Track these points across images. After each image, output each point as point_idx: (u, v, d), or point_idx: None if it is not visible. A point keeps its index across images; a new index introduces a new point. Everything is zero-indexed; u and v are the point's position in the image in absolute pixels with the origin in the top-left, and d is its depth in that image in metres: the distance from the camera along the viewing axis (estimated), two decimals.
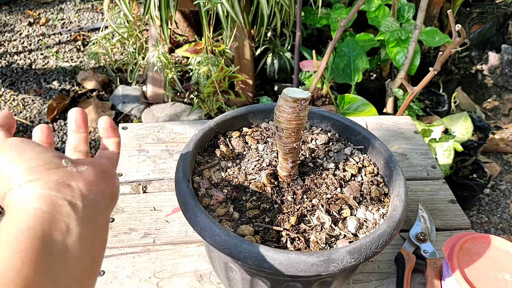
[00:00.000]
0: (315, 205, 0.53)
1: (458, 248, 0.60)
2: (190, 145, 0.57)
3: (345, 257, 0.44)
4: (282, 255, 0.44)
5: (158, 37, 1.74)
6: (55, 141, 1.82)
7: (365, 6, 1.73)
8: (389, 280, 0.67)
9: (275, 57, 1.99)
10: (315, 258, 0.43)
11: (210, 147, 0.61)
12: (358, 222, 0.52)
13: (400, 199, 0.52)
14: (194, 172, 0.56)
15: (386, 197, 0.57)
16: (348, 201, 0.54)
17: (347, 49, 1.66)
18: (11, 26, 2.49)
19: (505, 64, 2.07)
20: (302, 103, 0.48)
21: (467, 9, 2.21)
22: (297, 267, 0.43)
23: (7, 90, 2.06)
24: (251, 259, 0.44)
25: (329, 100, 1.72)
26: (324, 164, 0.60)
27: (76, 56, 2.31)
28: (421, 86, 1.15)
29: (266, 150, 0.61)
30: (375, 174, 0.60)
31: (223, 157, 0.59)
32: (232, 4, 1.45)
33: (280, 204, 0.53)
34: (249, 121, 0.66)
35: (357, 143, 0.64)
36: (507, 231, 1.59)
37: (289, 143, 0.52)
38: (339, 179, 0.57)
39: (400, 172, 0.56)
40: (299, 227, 0.51)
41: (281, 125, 0.51)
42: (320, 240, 0.49)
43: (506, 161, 1.86)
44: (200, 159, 0.59)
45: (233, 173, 0.57)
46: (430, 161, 0.89)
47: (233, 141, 0.62)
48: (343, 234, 0.51)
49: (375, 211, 0.54)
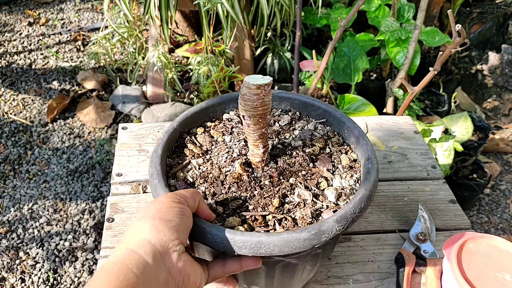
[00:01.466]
0: (293, 184, 0.55)
1: (458, 248, 0.60)
2: (159, 150, 0.56)
3: (334, 226, 0.46)
4: (275, 237, 0.45)
5: (158, 37, 1.74)
6: (55, 141, 1.82)
7: (365, 6, 1.73)
8: (389, 280, 0.67)
9: (275, 57, 1.99)
10: (307, 233, 0.45)
11: (177, 148, 0.61)
12: (337, 192, 0.54)
13: (371, 161, 0.54)
14: (168, 176, 0.56)
15: (356, 162, 0.59)
16: (323, 174, 0.56)
17: (347, 49, 1.66)
18: (11, 26, 2.49)
19: (505, 64, 2.07)
20: (265, 88, 0.49)
21: (467, 9, 2.21)
22: (291, 246, 0.45)
23: (7, 90, 2.06)
24: (246, 248, 0.45)
25: (329, 100, 1.72)
26: (292, 143, 0.61)
27: (76, 56, 2.31)
28: (421, 86, 1.15)
29: (234, 141, 0.62)
30: (341, 144, 0.62)
31: (192, 155, 0.59)
32: (232, 4, 1.45)
33: (260, 189, 0.54)
34: (210, 115, 0.66)
35: (318, 117, 0.66)
36: (507, 231, 1.59)
37: (258, 129, 0.53)
38: (310, 155, 0.59)
39: (365, 137, 0.58)
40: (283, 208, 0.52)
41: (248, 113, 0.51)
42: (306, 215, 0.51)
43: (506, 161, 1.86)
44: (170, 162, 0.59)
45: (207, 169, 0.57)
46: (430, 161, 0.89)
47: (199, 138, 0.63)
48: (325, 205, 0.52)
49: (349, 178, 0.56)
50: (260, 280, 0.54)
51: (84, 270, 1.37)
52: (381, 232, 0.75)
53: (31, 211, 1.54)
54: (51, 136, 1.84)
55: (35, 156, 1.75)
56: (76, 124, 1.91)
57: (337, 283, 0.67)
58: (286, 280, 0.55)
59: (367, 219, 0.77)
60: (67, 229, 1.49)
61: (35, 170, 1.69)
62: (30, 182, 1.64)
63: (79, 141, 1.83)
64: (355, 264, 0.70)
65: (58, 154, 1.76)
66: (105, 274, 0.38)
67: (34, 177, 1.67)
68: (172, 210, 0.44)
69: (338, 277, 0.68)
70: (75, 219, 1.52)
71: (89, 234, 1.47)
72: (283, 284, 0.56)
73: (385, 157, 0.90)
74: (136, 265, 0.39)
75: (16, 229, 1.48)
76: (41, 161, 1.73)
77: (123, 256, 0.40)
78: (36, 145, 1.80)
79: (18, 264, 1.38)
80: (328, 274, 0.68)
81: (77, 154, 1.77)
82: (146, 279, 0.39)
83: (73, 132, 1.87)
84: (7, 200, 1.57)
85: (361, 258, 0.71)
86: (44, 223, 1.50)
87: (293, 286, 0.59)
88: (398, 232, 0.75)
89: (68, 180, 1.66)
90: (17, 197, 1.59)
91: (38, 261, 1.39)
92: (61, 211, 1.55)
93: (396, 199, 0.81)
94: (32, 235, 1.46)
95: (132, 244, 0.41)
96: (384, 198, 0.81)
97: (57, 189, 1.62)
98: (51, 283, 1.34)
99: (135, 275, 0.38)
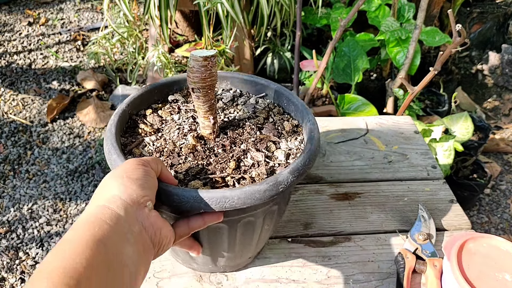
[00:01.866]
0: (245, 149, 0.59)
1: (458, 248, 0.60)
2: (112, 129, 0.59)
3: (288, 177, 0.51)
4: (238, 191, 0.48)
5: (158, 37, 1.74)
6: (55, 141, 1.82)
7: (365, 6, 1.73)
8: (389, 280, 0.67)
9: (275, 57, 1.98)
10: (266, 185, 0.50)
11: (129, 129, 0.64)
12: (285, 152, 0.59)
13: (312, 123, 0.60)
14: (124, 153, 0.59)
15: (298, 127, 0.65)
16: (271, 139, 0.61)
17: (347, 49, 1.66)
18: (11, 26, 2.49)
19: (505, 64, 2.07)
20: (212, 60, 0.53)
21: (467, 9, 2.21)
22: (253, 197, 0.49)
23: (7, 90, 2.06)
24: (212, 203, 0.48)
25: (329, 100, 1.72)
26: (237, 117, 0.66)
27: (76, 56, 2.30)
28: (421, 86, 1.15)
29: (182, 118, 0.65)
30: (282, 113, 0.67)
31: (145, 134, 0.62)
32: (232, 4, 1.45)
33: (215, 157, 0.58)
34: (156, 98, 0.69)
35: (257, 92, 0.71)
36: (507, 231, 1.59)
37: (207, 101, 0.57)
38: (255, 124, 0.64)
39: (303, 104, 0.64)
40: (239, 169, 0.56)
41: (197, 85, 0.55)
42: (262, 173, 0.55)
43: (506, 161, 1.86)
44: (124, 141, 0.61)
45: (161, 144, 0.60)
46: (430, 161, 0.89)
47: (149, 118, 0.65)
48: (277, 163, 0.57)
49: (294, 140, 0.62)
50: (223, 241, 0.57)
51: None
52: (381, 232, 0.75)
53: (31, 211, 1.54)
54: (50, 136, 1.84)
55: (35, 156, 1.75)
56: (76, 124, 1.91)
57: (337, 283, 0.67)
58: (247, 240, 0.59)
59: (367, 219, 0.77)
60: (67, 229, 1.49)
61: (35, 170, 1.69)
62: (29, 182, 1.64)
63: (79, 141, 1.83)
64: (355, 264, 0.69)
65: (58, 154, 1.76)
66: (80, 226, 0.39)
67: (34, 177, 1.66)
68: (138, 171, 0.45)
69: (338, 277, 0.67)
70: (75, 219, 1.52)
71: None
72: (244, 244, 0.60)
73: (385, 157, 0.90)
74: (109, 218, 0.40)
75: (16, 229, 1.48)
76: (41, 161, 1.73)
77: (95, 211, 0.40)
78: (36, 145, 1.80)
79: (18, 264, 1.38)
80: (328, 274, 0.68)
81: (77, 154, 1.77)
82: (119, 230, 0.40)
83: (73, 132, 1.87)
84: (7, 200, 1.57)
85: (361, 258, 0.70)
86: (44, 223, 1.50)
87: (253, 247, 0.63)
88: (398, 232, 0.74)
89: (68, 180, 1.66)
90: (16, 197, 1.58)
91: (38, 261, 1.39)
92: (61, 211, 1.55)
93: (396, 199, 0.81)
94: (32, 235, 1.46)
95: (103, 201, 0.42)
96: (384, 198, 0.81)
97: (57, 189, 1.62)
98: None
99: (109, 225, 0.39)
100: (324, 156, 0.90)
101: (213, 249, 0.60)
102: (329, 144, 0.93)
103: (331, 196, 0.81)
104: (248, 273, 0.68)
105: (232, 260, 0.64)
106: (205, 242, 0.57)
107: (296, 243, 0.73)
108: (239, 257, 0.64)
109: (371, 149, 0.91)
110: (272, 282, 0.67)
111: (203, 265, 0.66)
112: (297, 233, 0.74)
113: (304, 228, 0.75)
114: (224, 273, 0.68)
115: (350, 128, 0.97)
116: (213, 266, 0.65)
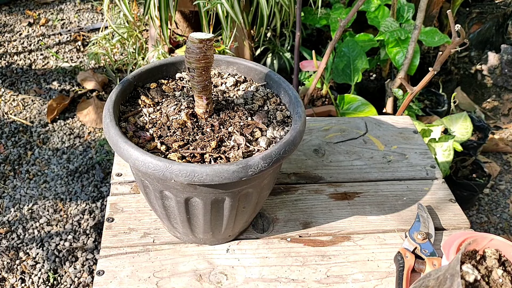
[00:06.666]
0: (231, 132, 0.61)
1: (457, 248, 0.60)
2: (112, 96, 0.62)
3: (260, 162, 0.53)
4: (208, 168, 0.52)
5: (158, 37, 1.74)
6: (55, 142, 1.82)
7: (364, 6, 1.73)
8: (388, 280, 0.67)
9: (274, 57, 1.99)
10: (235, 166, 0.52)
11: (131, 99, 0.67)
12: (268, 140, 0.61)
13: (299, 115, 0.62)
14: (120, 120, 0.63)
15: (289, 118, 0.66)
16: (258, 126, 0.63)
17: (347, 49, 1.67)
18: (11, 26, 2.50)
19: (504, 64, 2.07)
20: (207, 43, 0.55)
21: (467, 9, 2.21)
22: (221, 176, 0.51)
23: (7, 91, 2.06)
24: (182, 176, 0.51)
25: (329, 100, 1.72)
26: (235, 101, 0.68)
27: (76, 56, 2.31)
28: (421, 86, 1.15)
29: (183, 96, 0.68)
30: (278, 103, 0.69)
31: (144, 105, 0.66)
32: (232, 4, 1.45)
33: (202, 135, 0.61)
34: (164, 74, 0.72)
35: (260, 81, 0.73)
36: (506, 231, 1.59)
37: (202, 81, 0.59)
38: (249, 110, 0.66)
39: (298, 97, 0.66)
40: (219, 149, 0.59)
41: (192, 65, 0.57)
42: (238, 155, 0.57)
43: (505, 161, 1.86)
44: (123, 109, 0.65)
45: (156, 117, 0.64)
46: (430, 161, 0.90)
47: (152, 92, 0.69)
48: (257, 149, 0.59)
49: (280, 130, 0.64)
50: (198, 214, 0.60)
51: (84, 270, 1.37)
52: (381, 231, 0.75)
53: (31, 211, 1.54)
54: (51, 137, 1.84)
55: (35, 156, 1.75)
56: (76, 125, 1.91)
57: (337, 282, 0.67)
58: (220, 217, 0.62)
59: (366, 218, 0.77)
60: (67, 229, 1.49)
61: (35, 171, 1.69)
62: (30, 183, 1.65)
63: (79, 141, 1.83)
64: (354, 263, 0.70)
65: (58, 155, 1.77)
66: None
67: (34, 177, 1.67)
68: None
69: (338, 277, 0.68)
70: (75, 219, 1.52)
71: (89, 234, 1.47)
72: (218, 220, 0.63)
73: (385, 156, 0.90)
74: None
75: (16, 229, 1.48)
76: (41, 162, 1.73)
77: None
78: (36, 146, 1.80)
79: (18, 265, 1.38)
80: (328, 273, 0.68)
81: (77, 154, 1.77)
82: None
83: (73, 133, 1.87)
84: (7, 200, 1.57)
85: (361, 258, 0.71)
86: (44, 223, 1.50)
87: (231, 226, 0.66)
88: (398, 232, 0.75)
89: (68, 180, 1.66)
90: (17, 197, 1.59)
91: (38, 261, 1.39)
92: (61, 211, 1.55)
93: (395, 199, 0.81)
94: (32, 235, 1.46)
95: None
96: (383, 198, 0.81)
97: (57, 189, 1.62)
98: (51, 283, 1.34)
99: None
100: (324, 156, 0.90)
101: (190, 221, 0.63)
102: (328, 144, 0.93)
103: (330, 195, 0.82)
104: (248, 273, 0.68)
105: (209, 234, 0.67)
106: (183, 213, 0.61)
107: (295, 242, 0.73)
108: (218, 233, 0.67)
109: (370, 149, 0.92)
110: (271, 281, 0.67)
111: (184, 235, 0.69)
112: (296, 232, 0.74)
113: (303, 227, 0.75)
114: (224, 273, 0.68)
115: (349, 128, 0.97)
116: (193, 237, 0.69)
